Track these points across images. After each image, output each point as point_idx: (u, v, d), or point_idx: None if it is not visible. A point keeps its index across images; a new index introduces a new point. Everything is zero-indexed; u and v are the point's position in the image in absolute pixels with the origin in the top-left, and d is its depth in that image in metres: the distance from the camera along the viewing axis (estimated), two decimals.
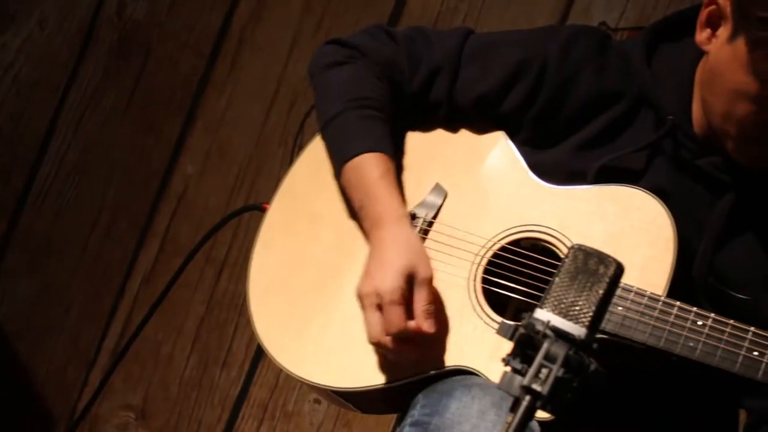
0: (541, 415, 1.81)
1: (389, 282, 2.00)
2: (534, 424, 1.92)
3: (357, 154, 2.14)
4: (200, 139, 3.62)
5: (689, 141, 2.06)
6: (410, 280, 2.01)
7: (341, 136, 2.18)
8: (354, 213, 2.18)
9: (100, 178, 3.62)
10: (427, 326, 2.00)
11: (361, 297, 2.04)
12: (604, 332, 1.92)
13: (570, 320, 1.51)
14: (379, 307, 2.01)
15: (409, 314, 2.00)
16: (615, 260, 1.55)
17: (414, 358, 2.02)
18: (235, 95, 3.63)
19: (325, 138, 2.23)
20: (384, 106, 2.18)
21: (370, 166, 2.13)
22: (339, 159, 2.17)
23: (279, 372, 2.25)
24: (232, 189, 3.58)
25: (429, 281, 2.03)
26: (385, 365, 2.08)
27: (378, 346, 2.03)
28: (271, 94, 3.60)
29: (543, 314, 1.51)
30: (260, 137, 3.61)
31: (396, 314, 2.00)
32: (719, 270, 2.03)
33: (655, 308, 1.92)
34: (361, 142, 2.15)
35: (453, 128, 2.23)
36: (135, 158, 3.62)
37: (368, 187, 2.12)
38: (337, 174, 2.18)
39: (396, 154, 2.18)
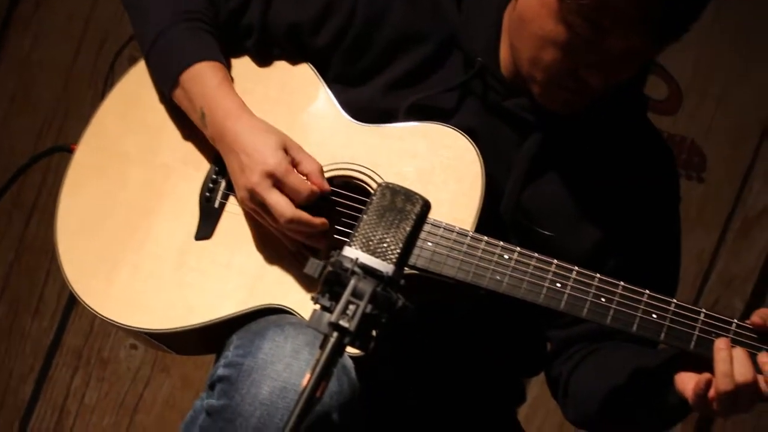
0: (353, 351, 1.83)
1: (273, 158, 2.02)
2: (348, 361, 1.93)
3: (193, 63, 2.12)
4: (4, 81, 3.48)
5: (497, 83, 2.10)
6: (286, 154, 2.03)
7: (173, 49, 2.15)
8: (167, 149, 2.15)
9: None
10: (326, 185, 2.04)
11: (250, 190, 2.02)
12: (414, 268, 1.95)
13: (378, 257, 1.52)
14: (276, 186, 2.00)
15: None
16: (422, 197, 1.56)
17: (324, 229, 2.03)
18: (41, 35, 3.50)
19: (152, 55, 2.18)
20: (212, 21, 2.17)
21: (208, 75, 2.12)
22: (173, 71, 2.14)
23: (93, 318, 2.20)
24: (39, 133, 3.47)
25: (302, 149, 2.06)
26: (197, 305, 2.06)
27: (296, 224, 2.01)
28: (80, 34, 3.49)
29: (351, 252, 1.52)
30: (68, 79, 3.50)
31: (299, 180, 2.01)
32: (525, 207, 2.08)
33: (463, 243, 1.95)
34: (197, 52, 2.13)
35: (265, 65, 2.21)
36: None
37: (209, 94, 2.10)
38: (171, 87, 2.15)
39: None
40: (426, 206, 1.56)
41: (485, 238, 1.95)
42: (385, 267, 1.52)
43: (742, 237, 3.27)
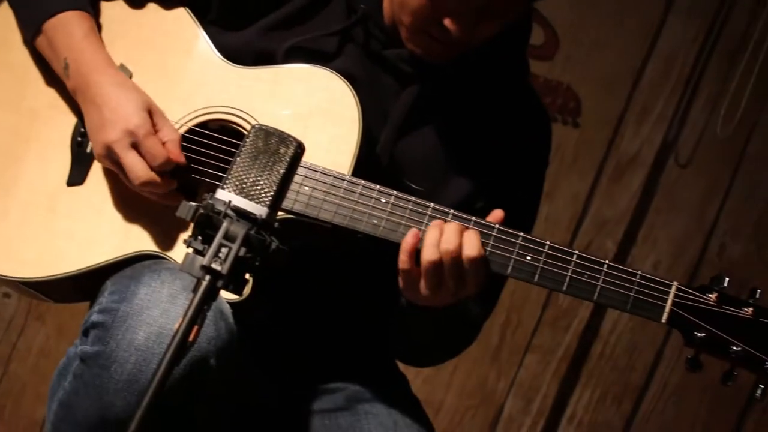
0: (228, 296, 1.83)
1: (136, 118, 1.97)
2: (225, 306, 1.92)
3: (59, 12, 2.06)
4: None
5: (379, 31, 2.09)
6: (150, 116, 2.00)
7: None
8: (33, 93, 2.09)
9: None
10: (182, 157, 2.00)
11: (107, 146, 1.97)
12: (291, 212, 1.95)
13: (251, 200, 1.51)
14: (134, 146, 1.95)
15: None
16: (296, 139, 1.55)
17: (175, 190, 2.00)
18: None
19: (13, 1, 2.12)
20: None
21: (73, 24, 2.06)
22: (36, 18, 2.08)
23: None
24: None
25: (164, 115, 2.02)
26: (69, 253, 2.03)
27: (150, 187, 1.97)
28: None
29: (224, 194, 1.51)
30: None
31: (157, 144, 1.97)
32: (399, 159, 2.09)
33: (340, 187, 1.95)
34: (62, 1, 2.06)
35: (139, 8, 2.16)
36: None
37: (75, 45, 2.05)
38: (34, 34, 2.09)
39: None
40: (300, 148, 1.55)
41: (362, 182, 1.96)
42: (259, 210, 1.50)
43: (614, 181, 3.34)
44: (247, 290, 1.88)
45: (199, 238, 1.48)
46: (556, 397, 3.37)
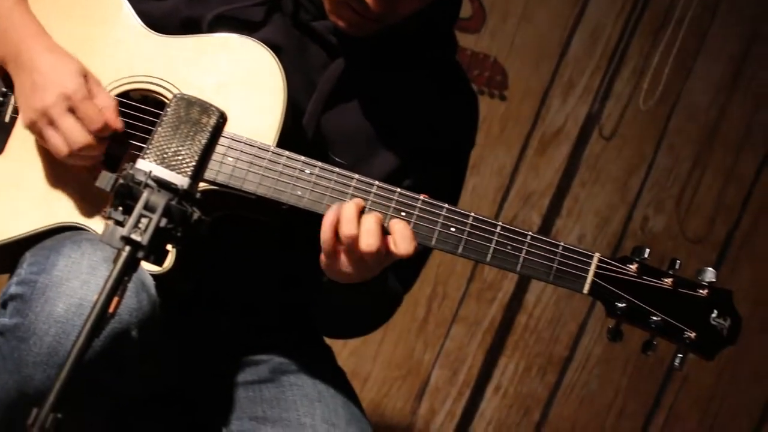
0: (151, 268, 1.81)
1: (72, 82, 1.94)
2: (147, 278, 1.90)
3: None
4: None
5: (308, 2, 2.07)
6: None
7: None
8: None
9: None
10: (119, 122, 1.97)
11: (42, 111, 1.93)
12: (215, 183, 1.93)
13: (172, 170, 1.49)
14: (70, 111, 1.92)
15: None
16: (218, 109, 1.54)
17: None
18: None
19: None
20: None
21: None
22: None
23: None
24: None
25: (100, 82, 2.00)
26: None
27: (84, 151, 1.94)
28: None
29: (145, 164, 1.49)
30: None
31: (94, 108, 1.94)
32: (325, 132, 2.08)
33: (264, 158, 1.94)
34: None
35: None
36: None
37: (4, 12, 2.02)
38: None
39: None
40: (222, 118, 1.54)
41: (286, 153, 1.94)
42: (180, 180, 1.49)
43: (540, 154, 3.36)
44: (169, 262, 1.86)
45: (120, 208, 1.46)
46: (482, 368, 3.40)
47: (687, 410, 3.54)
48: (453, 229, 1.90)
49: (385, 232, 1.87)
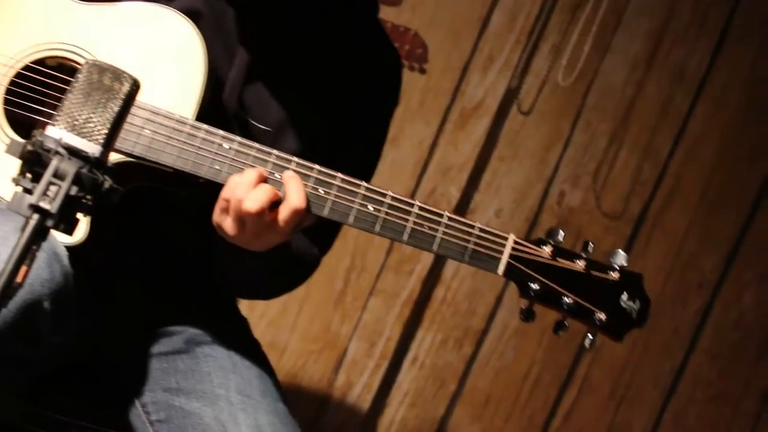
0: (64, 239, 1.78)
1: None
2: (60, 248, 1.88)
3: None
4: None
5: None
6: None
7: None
8: None
9: None
10: None
11: None
12: (132, 155, 1.91)
13: (84, 137, 1.47)
14: None
15: None
16: (131, 76, 1.51)
17: None
18: None
19: None
20: None
21: None
22: None
23: None
24: None
25: None
26: None
27: None
28: None
29: (55, 132, 1.47)
30: None
31: None
32: (246, 100, 2.07)
33: (182, 131, 1.92)
34: None
35: None
36: None
37: None
38: None
39: None
40: (135, 85, 1.52)
41: (205, 126, 1.93)
42: (92, 148, 1.47)
43: (459, 128, 3.38)
44: (82, 232, 1.84)
45: (29, 176, 1.44)
46: (400, 341, 3.42)
47: (599, 381, 3.60)
48: (371, 208, 1.91)
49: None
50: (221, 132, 1.92)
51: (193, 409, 2.06)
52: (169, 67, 1.98)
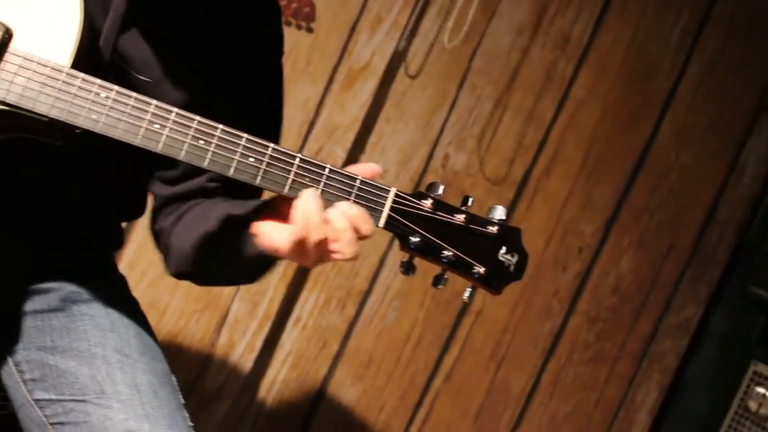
0: None
1: None
2: None
3: None
4: None
5: None
6: None
7: None
8: None
9: None
10: None
11: None
12: (4, 103, 1.85)
13: None
14: None
15: None
16: (3, 24, 1.47)
17: None
18: None
19: None
20: None
21: None
22: None
23: None
24: None
25: None
26: None
27: None
28: None
29: None
30: None
31: None
32: (124, 51, 2.02)
33: (58, 80, 1.87)
34: None
35: None
36: None
37: None
38: None
39: None
40: (8, 33, 1.47)
41: (81, 75, 1.88)
42: None
43: (346, 88, 3.36)
44: None
45: None
46: (283, 301, 3.41)
47: (481, 342, 3.65)
48: (252, 160, 1.88)
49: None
50: (98, 81, 1.87)
51: (68, 368, 2.02)
52: (45, 14, 1.92)
